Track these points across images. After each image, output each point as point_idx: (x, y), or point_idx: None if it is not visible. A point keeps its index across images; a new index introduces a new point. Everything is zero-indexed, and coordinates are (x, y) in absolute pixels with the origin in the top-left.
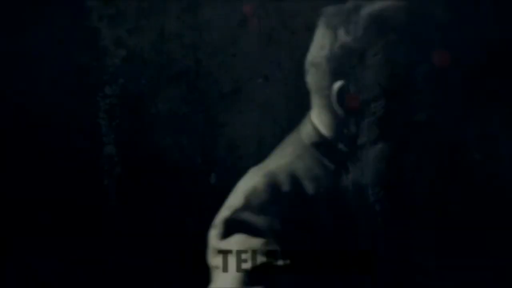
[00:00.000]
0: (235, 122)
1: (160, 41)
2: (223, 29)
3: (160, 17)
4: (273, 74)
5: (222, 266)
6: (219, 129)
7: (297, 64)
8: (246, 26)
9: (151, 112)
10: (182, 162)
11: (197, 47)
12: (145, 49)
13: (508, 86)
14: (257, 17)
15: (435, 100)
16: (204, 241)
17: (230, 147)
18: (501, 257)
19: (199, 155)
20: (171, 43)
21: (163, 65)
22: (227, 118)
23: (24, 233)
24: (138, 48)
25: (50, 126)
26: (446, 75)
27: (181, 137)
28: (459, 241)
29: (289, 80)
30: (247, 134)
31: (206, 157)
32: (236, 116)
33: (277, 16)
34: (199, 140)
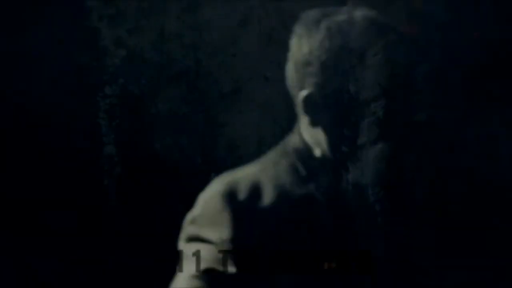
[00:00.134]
0: (235, 122)
1: (160, 41)
2: (223, 29)
3: (160, 17)
4: (273, 74)
5: (179, 267)
6: (219, 129)
7: None
8: (246, 26)
9: (151, 112)
10: (182, 162)
11: (197, 47)
12: (145, 49)
13: (508, 86)
14: (257, 17)
15: (435, 100)
16: None
17: (230, 147)
18: (501, 257)
19: (199, 155)
20: (171, 43)
21: (163, 65)
22: (227, 118)
23: (24, 233)
24: (138, 48)
25: (50, 126)
26: (446, 75)
27: (181, 137)
28: (459, 241)
29: None
30: (247, 134)
31: (206, 157)
32: (236, 116)
33: (277, 16)
34: (199, 140)
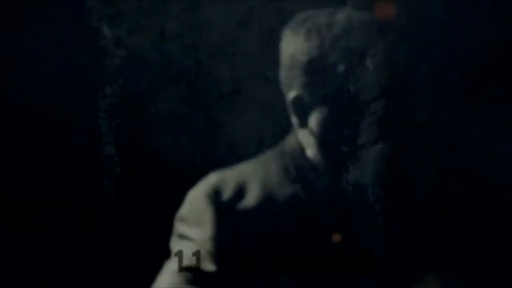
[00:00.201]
0: (235, 122)
1: (160, 41)
2: (223, 29)
3: (160, 17)
4: (273, 74)
5: (166, 263)
6: (219, 129)
7: None
8: (246, 26)
9: (151, 112)
10: (182, 162)
11: (197, 47)
12: (145, 49)
13: (508, 86)
14: (257, 17)
15: (435, 100)
16: None
17: (230, 147)
18: (501, 257)
19: (199, 155)
20: (171, 43)
21: (163, 65)
22: (227, 118)
23: (24, 233)
24: (138, 48)
25: (50, 126)
26: (446, 75)
27: (181, 137)
28: (459, 241)
29: None
30: (247, 134)
31: (206, 157)
32: (236, 116)
33: (277, 16)
34: (199, 140)
